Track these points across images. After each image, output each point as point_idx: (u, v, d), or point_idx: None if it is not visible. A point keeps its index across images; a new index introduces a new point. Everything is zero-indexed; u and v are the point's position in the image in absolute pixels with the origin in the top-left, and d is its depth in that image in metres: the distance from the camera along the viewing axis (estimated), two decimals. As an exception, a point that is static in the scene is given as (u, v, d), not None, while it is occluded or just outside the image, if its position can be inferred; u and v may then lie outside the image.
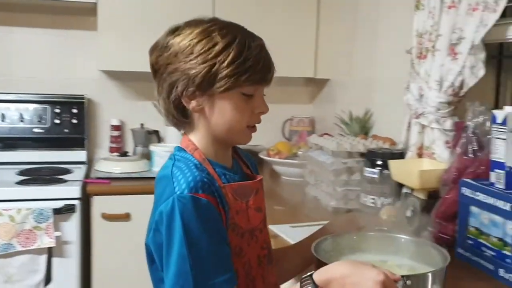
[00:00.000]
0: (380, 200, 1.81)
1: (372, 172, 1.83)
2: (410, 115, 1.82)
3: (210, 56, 0.97)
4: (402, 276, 0.90)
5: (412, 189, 1.69)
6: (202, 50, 0.97)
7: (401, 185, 1.75)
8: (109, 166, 2.48)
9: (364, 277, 0.87)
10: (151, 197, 2.36)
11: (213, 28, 0.99)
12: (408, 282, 0.89)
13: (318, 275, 0.90)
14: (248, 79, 0.99)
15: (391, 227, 1.27)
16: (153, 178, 2.38)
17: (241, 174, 1.10)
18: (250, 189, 1.06)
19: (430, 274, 0.94)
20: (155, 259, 1.01)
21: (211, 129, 1.03)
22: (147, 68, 2.76)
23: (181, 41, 0.99)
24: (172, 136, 2.75)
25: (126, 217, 2.31)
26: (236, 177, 1.06)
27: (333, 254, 1.11)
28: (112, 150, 2.76)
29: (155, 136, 2.78)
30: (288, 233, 1.65)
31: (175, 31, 1.02)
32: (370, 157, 1.86)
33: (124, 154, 2.65)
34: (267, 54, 1.03)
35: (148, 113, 2.80)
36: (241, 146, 1.16)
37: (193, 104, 1.00)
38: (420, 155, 1.79)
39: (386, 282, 0.86)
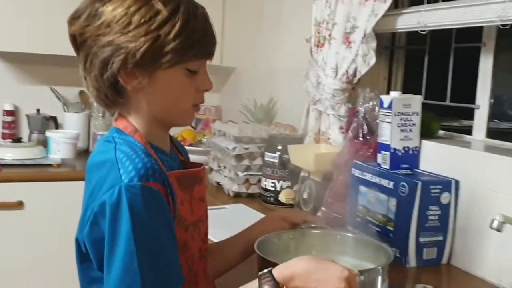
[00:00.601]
0: (279, 183, 1.86)
1: (272, 157, 1.87)
2: (309, 102, 1.88)
3: (153, 27, 0.85)
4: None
5: (309, 172, 1.75)
6: (143, 20, 0.85)
7: (299, 169, 1.81)
8: (1, 152, 2.34)
9: (329, 273, 0.84)
10: (47, 185, 2.30)
11: None
12: (362, 278, 0.88)
13: (279, 272, 0.85)
14: (196, 53, 0.90)
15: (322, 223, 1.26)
16: (49, 165, 2.32)
17: (179, 161, 1.02)
18: (194, 178, 0.98)
19: (380, 268, 0.93)
20: (88, 257, 0.89)
21: (152, 110, 0.92)
22: (45, 50, 2.61)
23: (114, 9, 0.86)
24: (71, 122, 2.65)
25: (18, 205, 2.19)
26: (176, 165, 0.98)
27: (274, 253, 1.06)
28: (4, 136, 2.60)
29: (52, 122, 2.66)
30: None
31: None
32: (271, 143, 1.90)
33: (18, 140, 2.50)
34: (211, 24, 0.93)
35: (45, 98, 2.69)
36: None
37: (132, 83, 0.89)
38: (317, 140, 1.85)
39: (350, 278, 0.84)
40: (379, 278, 0.92)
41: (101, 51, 0.87)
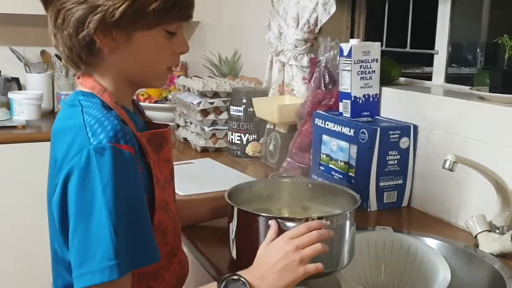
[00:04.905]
0: (245, 137, 1.87)
1: (237, 110, 1.87)
2: (271, 53, 1.87)
3: None
4: (322, 218, 0.91)
5: (274, 125, 1.77)
6: None
7: (264, 122, 1.82)
8: (-38, 116, 2.28)
9: (282, 254, 0.85)
10: (12, 147, 2.25)
11: None
12: (327, 222, 0.90)
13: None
14: (176, 15, 0.87)
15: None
16: (14, 127, 2.28)
17: (143, 122, 0.98)
18: (162, 139, 0.94)
19: (348, 213, 0.95)
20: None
21: (125, 71, 0.89)
22: (3, 9, 2.51)
23: None
24: (34, 83, 2.59)
25: (-17, 169, 2.16)
26: (143, 125, 0.95)
27: (247, 202, 1.05)
28: (-36, 100, 2.53)
29: (14, 83, 2.59)
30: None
31: None
32: (236, 96, 1.90)
33: (-21, 103, 2.44)
34: None
35: (5, 59, 2.61)
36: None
37: (109, 43, 0.85)
38: (281, 92, 1.85)
39: (296, 242, 0.86)
40: (347, 223, 0.95)
41: (76, 8, 0.82)
